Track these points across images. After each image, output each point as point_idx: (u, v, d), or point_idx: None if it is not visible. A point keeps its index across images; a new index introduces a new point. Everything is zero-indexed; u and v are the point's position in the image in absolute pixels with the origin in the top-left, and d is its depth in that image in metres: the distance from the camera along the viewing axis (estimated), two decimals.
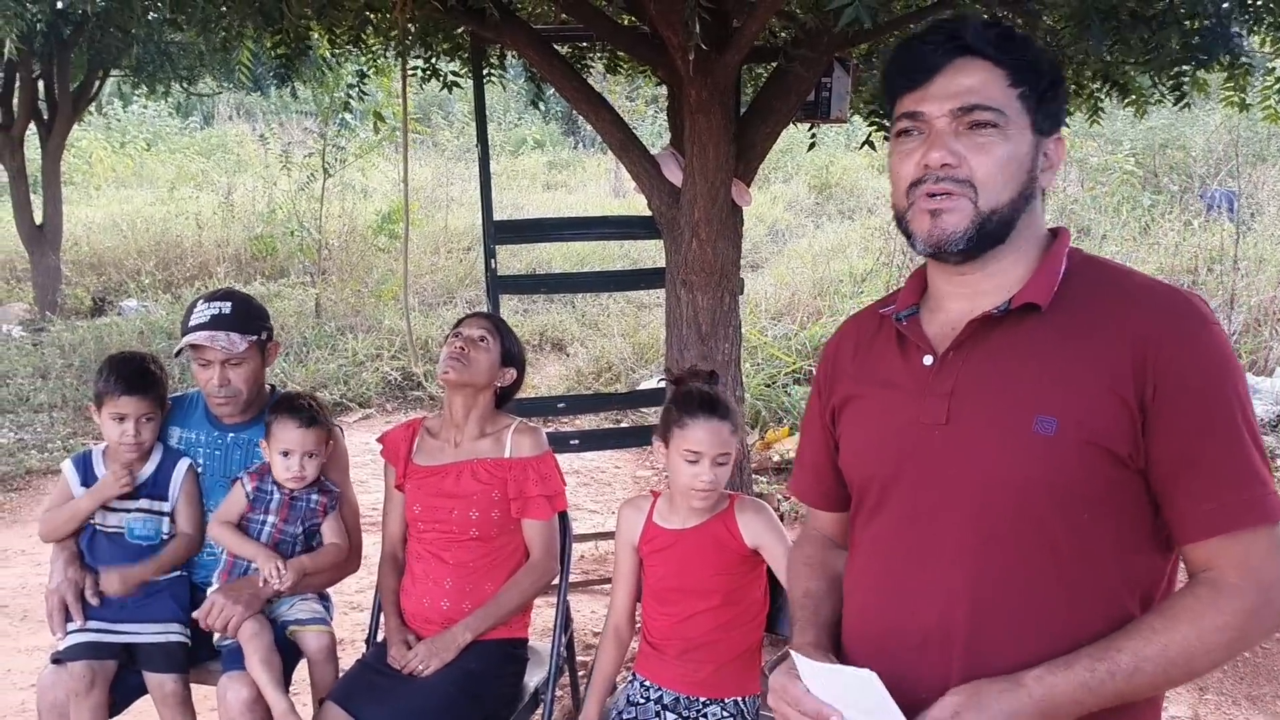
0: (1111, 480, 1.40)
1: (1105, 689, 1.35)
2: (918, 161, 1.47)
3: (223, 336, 2.79)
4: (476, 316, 2.93)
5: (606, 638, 2.67)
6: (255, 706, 2.62)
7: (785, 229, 13.79)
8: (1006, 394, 1.45)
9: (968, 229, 1.45)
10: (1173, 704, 3.87)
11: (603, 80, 6.46)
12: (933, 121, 1.47)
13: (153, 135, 20.11)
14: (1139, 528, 1.43)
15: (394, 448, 2.96)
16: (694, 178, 3.73)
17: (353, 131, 10.61)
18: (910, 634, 1.50)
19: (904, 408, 1.55)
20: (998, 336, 1.49)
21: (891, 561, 1.56)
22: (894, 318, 1.61)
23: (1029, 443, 1.41)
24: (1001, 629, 1.44)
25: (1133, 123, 13.46)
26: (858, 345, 1.70)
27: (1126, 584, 1.43)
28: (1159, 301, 1.43)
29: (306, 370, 8.21)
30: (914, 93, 1.49)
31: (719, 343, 3.98)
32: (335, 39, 4.05)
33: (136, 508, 2.83)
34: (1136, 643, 1.36)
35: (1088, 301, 1.45)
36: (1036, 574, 1.42)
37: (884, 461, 1.57)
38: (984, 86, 1.45)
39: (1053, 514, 1.41)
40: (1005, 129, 1.44)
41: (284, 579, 2.71)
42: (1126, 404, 1.37)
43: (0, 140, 10.13)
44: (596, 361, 8.52)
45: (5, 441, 6.85)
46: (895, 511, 1.56)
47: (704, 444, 2.42)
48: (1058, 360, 1.43)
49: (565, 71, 3.87)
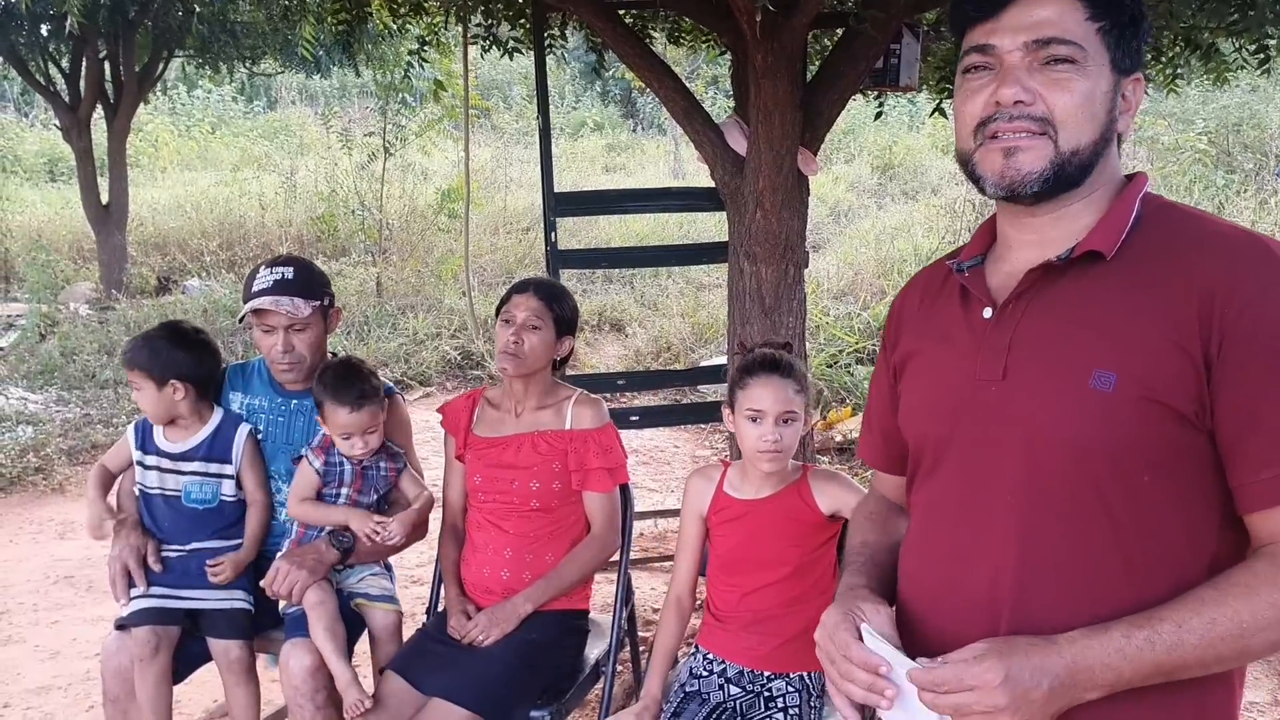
0: (1174, 441, 1.30)
1: (1142, 657, 1.25)
2: (987, 99, 1.37)
3: (286, 301, 2.77)
4: (525, 292, 2.81)
5: (668, 609, 2.62)
6: (317, 674, 2.60)
7: (848, 209, 13.65)
8: (1064, 348, 1.35)
9: (1044, 170, 1.35)
10: (1251, 689, 3.74)
11: (662, 56, 6.40)
12: (1004, 55, 1.36)
13: (217, 119, 20.39)
14: (1207, 493, 1.32)
15: (454, 418, 2.94)
16: (759, 146, 3.64)
17: (412, 111, 10.63)
18: (961, 597, 1.44)
19: (961, 362, 1.46)
20: (1059, 287, 1.39)
21: (943, 523, 1.49)
22: (955, 268, 1.52)
23: (1085, 399, 1.32)
24: (1050, 594, 1.36)
25: (1205, 101, 13.14)
26: (923, 299, 1.62)
27: (1193, 553, 1.33)
28: (1232, 248, 1.31)
29: (368, 348, 8.25)
30: (984, 24, 1.38)
31: (783, 316, 3.90)
32: (396, 7, 4.02)
33: (192, 470, 2.83)
34: (1182, 613, 1.26)
35: (1157, 250, 1.35)
36: (1090, 539, 1.34)
37: (939, 419, 1.49)
38: (1061, 18, 1.34)
39: (1109, 475, 1.31)
40: (1084, 65, 1.34)
41: (393, 535, 2.71)
42: (1191, 358, 1.27)
43: (67, 120, 10.28)
44: (655, 342, 8.48)
45: (72, 416, 6.95)
46: (948, 471, 1.49)
47: (765, 401, 2.36)
48: (1120, 312, 1.33)
49: (628, 38, 3.81)
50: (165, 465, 2.83)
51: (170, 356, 2.78)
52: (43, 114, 18.97)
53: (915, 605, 1.52)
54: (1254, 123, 13.16)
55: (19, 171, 16.60)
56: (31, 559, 5.02)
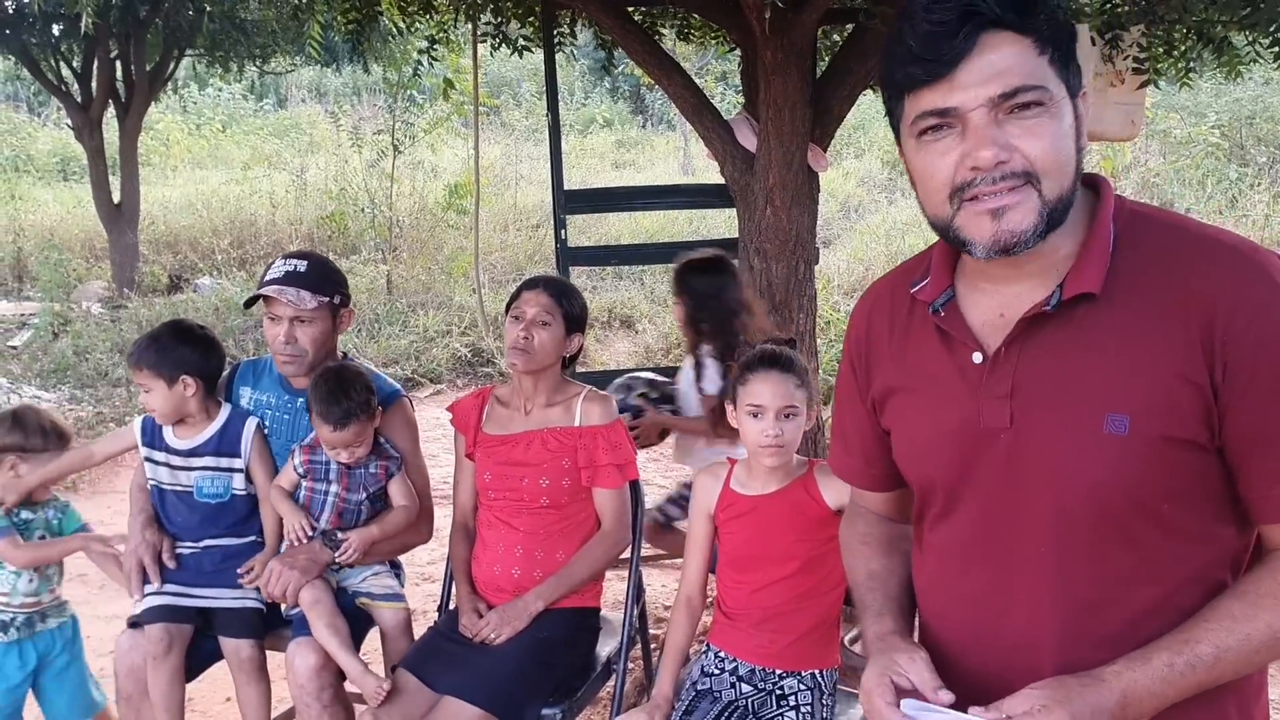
0: (1189, 467, 1.30)
1: (1186, 681, 1.27)
2: (957, 162, 1.29)
3: (292, 292, 2.78)
4: (535, 289, 2.81)
5: (679, 607, 2.62)
6: (323, 672, 2.61)
7: (858, 205, 13.61)
8: (1071, 393, 1.33)
9: (1036, 223, 1.28)
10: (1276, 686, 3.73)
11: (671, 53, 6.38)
12: (968, 116, 1.26)
13: (228, 117, 20.43)
14: (1221, 503, 1.33)
15: (464, 417, 2.94)
16: (769, 143, 3.65)
17: (420, 108, 10.63)
18: (999, 640, 1.44)
19: (957, 407, 1.42)
20: (1053, 329, 1.35)
21: (969, 566, 1.47)
22: (930, 308, 1.45)
23: (1101, 444, 1.30)
24: (1093, 631, 1.36)
25: (1218, 94, 13.07)
26: (892, 326, 1.55)
27: (1217, 558, 1.35)
28: (1224, 264, 1.28)
29: (378, 346, 8.26)
30: (936, 85, 1.27)
31: (793, 313, 3.91)
32: (405, 5, 4.02)
33: (203, 465, 2.84)
34: (1218, 634, 1.28)
35: (1147, 275, 1.31)
36: (1120, 571, 1.34)
37: (945, 465, 1.46)
38: (1019, 63, 1.25)
39: (1131, 512, 1.32)
40: (1050, 106, 1.26)
41: (351, 549, 2.70)
42: (1198, 386, 1.26)
43: (79, 120, 10.33)
44: (665, 338, 8.46)
45: (85, 415, 6.97)
46: (966, 517, 1.46)
47: (764, 396, 2.36)
48: (1121, 350, 1.30)
49: (637, 35, 3.81)
50: (175, 462, 2.84)
51: (178, 353, 2.79)
52: (55, 113, 19.04)
53: (949, 649, 1.51)
54: (1267, 115, 13.08)
55: (32, 171, 16.69)
56: None
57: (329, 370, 2.77)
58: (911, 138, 1.35)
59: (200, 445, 2.84)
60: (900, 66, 1.31)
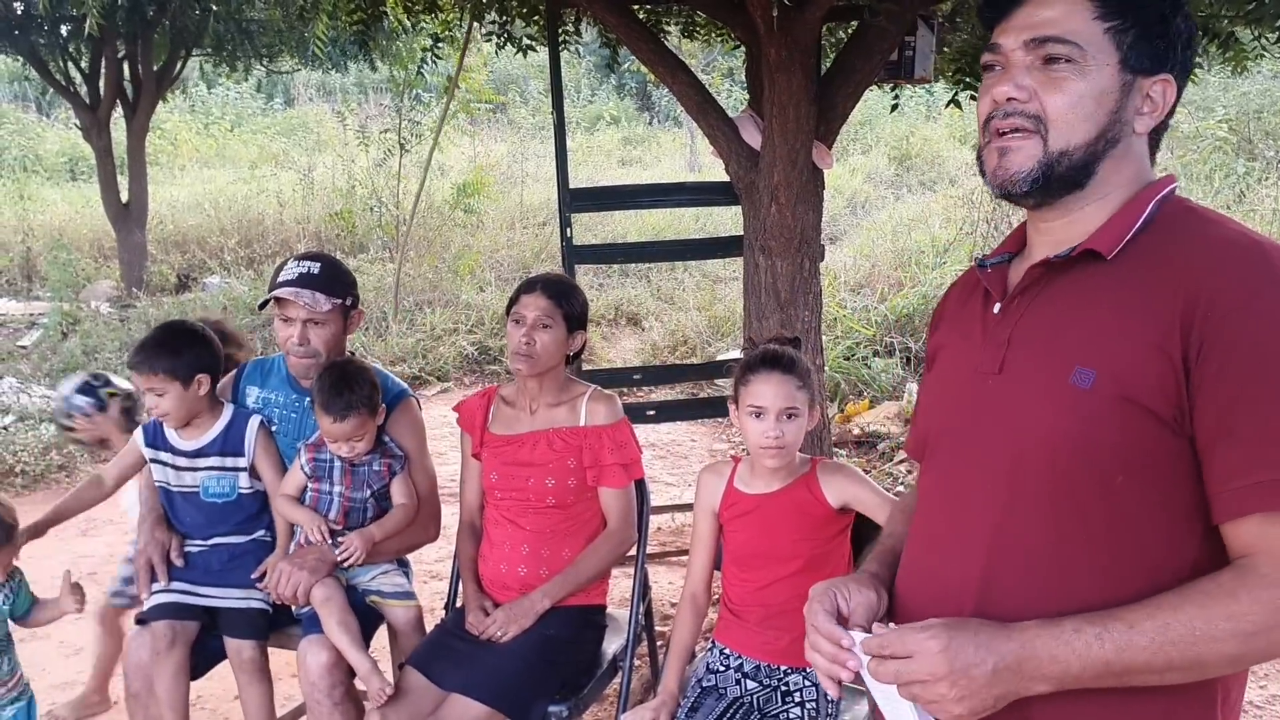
0: (1151, 443, 1.28)
1: (1090, 653, 1.23)
2: (992, 96, 1.41)
3: (307, 294, 2.79)
4: (534, 292, 2.81)
5: (684, 605, 2.63)
6: (334, 669, 2.63)
7: (864, 201, 13.60)
8: (1053, 344, 1.36)
9: (1031, 169, 1.37)
10: (1273, 682, 3.73)
11: (677, 50, 6.37)
12: (1009, 54, 1.39)
13: (236, 117, 20.46)
14: (1189, 499, 1.30)
15: (470, 417, 2.95)
16: (773, 140, 3.65)
17: (426, 106, 10.64)
18: (937, 585, 1.45)
19: (969, 356, 1.49)
20: (1058, 285, 1.41)
21: (931, 512, 1.52)
22: (978, 264, 1.55)
23: (1063, 394, 1.32)
24: (1016, 586, 1.36)
25: (1225, 88, 13.02)
26: (959, 297, 1.64)
27: (1172, 558, 1.31)
28: (1225, 253, 1.29)
29: (386, 344, 8.27)
30: (998, 24, 1.42)
31: (798, 310, 3.90)
32: (410, 5, 4.03)
33: (208, 466, 2.85)
34: (1137, 614, 1.24)
35: (1156, 252, 1.34)
36: (1062, 535, 1.33)
37: (943, 411, 1.53)
38: (1065, 18, 1.35)
39: (1083, 473, 1.31)
40: (1083, 64, 1.34)
41: (352, 550, 2.71)
42: (1171, 361, 1.26)
43: (87, 120, 10.35)
44: (672, 335, 8.47)
45: None
46: (941, 461, 1.52)
47: (766, 397, 2.37)
48: (1108, 311, 1.33)
49: (641, 34, 3.81)
50: (181, 463, 2.84)
51: (191, 354, 2.78)
52: (63, 113, 19.07)
53: (903, 594, 1.54)
54: (1275, 109, 13.00)
55: (40, 171, 16.73)
56: (54, 556, 5.04)
57: (335, 364, 2.78)
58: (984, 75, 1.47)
59: (205, 446, 2.84)
60: (982, 7, 1.48)
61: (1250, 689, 3.68)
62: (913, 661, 1.27)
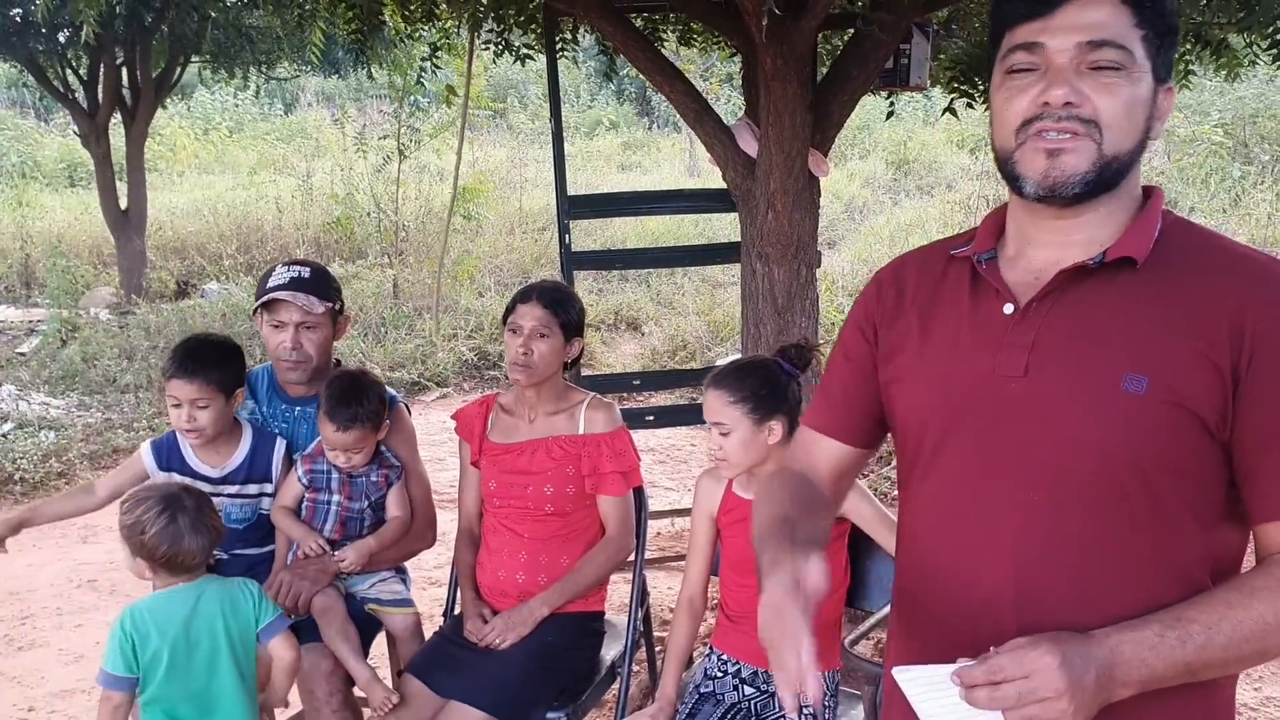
0: (1196, 448, 1.32)
1: (1174, 656, 1.27)
2: (1034, 98, 1.36)
3: (302, 297, 2.79)
4: (529, 301, 2.80)
5: (681, 610, 2.64)
6: (333, 677, 2.64)
7: (862, 206, 13.60)
8: (1095, 350, 1.36)
9: (1087, 171, 1.35)
10: (1267, 684, 3.74)
11: (675, 56, 6.38)
12: (1052, 56, 1.35)
13: (235, 122, 20.44)
14: (1215, 500, 1.36)
15: (468, 425, 2.96)
16: (770, 148, 3.67)
17: (425, 113, 10.64)
18: (974, 594, 1.43)
19: (972, 356, 1.45)
20: (1088, 290, 1.40)
21: (954, 521, 1.47)
22: (975, 259, 1.50)
23: (1116, 401, 1.32)
24: (1055, 593, 1.37)
25: (1221, 92, 13.04)
26: (920, 284, 1.58)
27: (1203, 559, 1.36)
28: (1260, 269, 1.35)
29: (384, 350, 8.28)
30: (1033, 22, 1.37)
31: (796, 316, 3.92)
32: (408, 14, 4.04)
33: (230, 492, 2.79)
34: (1210, 615, 1.28)
35: (1184, 262, 1.37)
36: (1108, 539, 1.35)
37: (943, 411, 1.48)
38: (1114, 22, 1.34)
39: (1132, 477, 1.33)
40: (1130, 71, 1.34)
41: (348, 562, 2.71)
42: (1219, 371, 1.30)
43: (86, 127, 10.35)
44: (671, 340, 8.47)
45: (93, 421, 7.01)
46: (958, 465, 1.46)
47: (708, 413, 2.45)
48: (1151, 319, 1.34)
49: (638, 42, 3.83)
50: (203, 488, 2.66)
51: (234, 366, 2.75)
52: (62, 120, 19.07)
53: (936, 610, 1.50)
54: (1270, 114, 13.03)
55: (39, 177, 16.70)
56: (55, 563, 5.08)
57: (347, 372, 2.79)
58: (1000, 73, 1.42)
59: (232, 473, 2.78)
60: (1008, 2, 1.41)
61: (1244, 690, 3.69)
62: (1031, 680, 1.23)
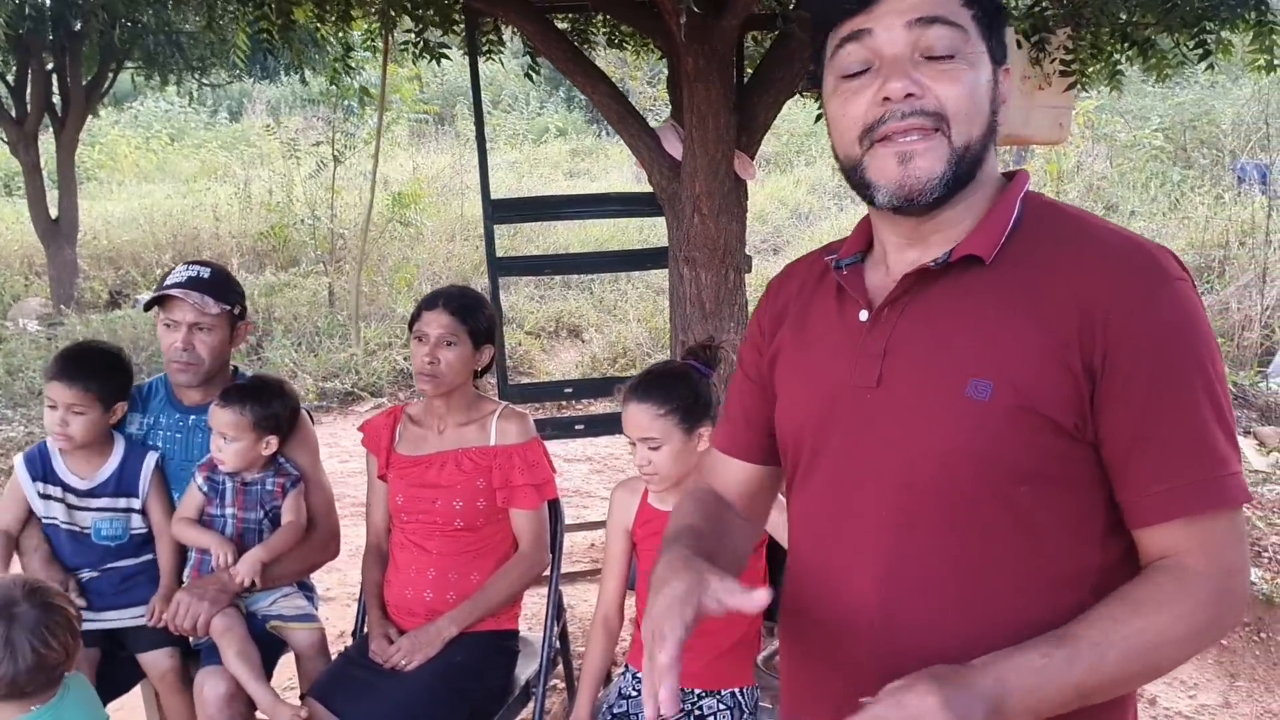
0: (1053, 452, 1.23)
1: (1064, 678, 1.17)
2: (872, 97, 1.27)
3: (196, 295, 2.71)
4: (435, 308, 2.72)
5: (596, 628, 2.56)
6: (233, 701, 2.53)
7: (808, 212, 13.61)
8: (940, 355, 1.28)
9: (944, 173, 1.25)
10: (1202, 691, 3.72)
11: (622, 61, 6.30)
12: (883, 46, 1.26)
13: (176, 130, 20.13)
14: (1088, 506, 1.26)
15: (375, 437, 2.86)
16: (694, 150, 3.60)
17: (360, 118, 10.50)
18: (841, 606, 1.36)
19: (834, 365, 1.38)
20: (935, 292, 1.31)
21: (819, 536, 1.41)
22: (834, 265, 1.43)
23: (961, 408, 1.24)
24: (916, 609, 1.28)
25: (1162, 98, 13.20)
26: (800, 291, 1.52)
27: (1080, 572, 1.26)
28: (1115, 256, 1.24)
29: (318, 360, 8.14)
30: (857, 16, 1.28)
31: (724, 322, 3.85)
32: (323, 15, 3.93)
33: (99, 506, 2.72)
34: (1095, 632, 1.19)
35: (1038, 255, 1.28)
36: (962, 552, 1.26)
37: (811, 424, 1.41)
38: (944, 1, 1.26)
39: (983, 487, 1.24)
40: (967, 53, 1.26)
41: (241, 576, 2.60)
42: (1072, 371, 1.21)
43: (14, 134, 10.11)
44: (612, 347, 8.43)
45: (16, 435, 6.86)
46: (821, 480, 1.40)
47: (629, 427, 2.38)
48: (997, 319, 1.26)
49: (559, 43, 3.75)
50: (72, 500, 2.71)
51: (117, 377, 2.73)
52: None
53: (804, 625, 1.44)
54: (1209, 119, 13.20)
55: None
56: None
57: (268, 378, 2.78)
58: (833, 78, 1.33)
59: (99, 485, 2.72)
60: (824, 4, 1.33)
61: (1179, 699, 3.67)
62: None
